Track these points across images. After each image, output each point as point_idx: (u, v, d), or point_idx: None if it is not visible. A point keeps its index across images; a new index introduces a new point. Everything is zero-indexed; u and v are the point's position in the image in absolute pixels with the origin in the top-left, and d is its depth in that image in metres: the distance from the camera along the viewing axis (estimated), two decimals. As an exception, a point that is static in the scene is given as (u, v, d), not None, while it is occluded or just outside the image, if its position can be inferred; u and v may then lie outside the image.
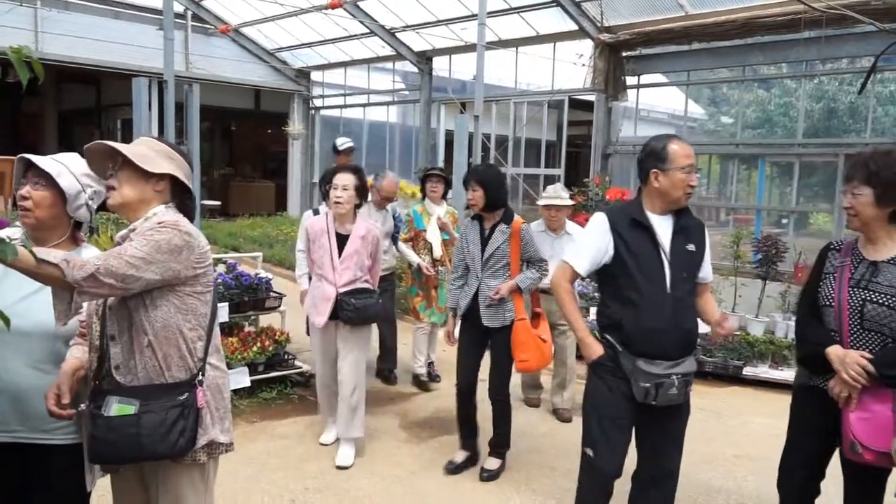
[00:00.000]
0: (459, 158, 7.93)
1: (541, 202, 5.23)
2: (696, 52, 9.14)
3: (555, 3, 9.62)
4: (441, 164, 13.14)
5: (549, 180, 11.19)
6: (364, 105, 14.88)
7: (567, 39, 10.62)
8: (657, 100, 11.73)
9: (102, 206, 2.34)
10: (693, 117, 10.85)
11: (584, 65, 10.21)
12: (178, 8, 12.13)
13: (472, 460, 4.30)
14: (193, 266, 2.12)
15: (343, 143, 7.02)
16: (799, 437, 2.93)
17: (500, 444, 4.27)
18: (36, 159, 2.21)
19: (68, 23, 12.32)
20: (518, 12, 10.47)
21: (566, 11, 9.62)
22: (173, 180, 2.21)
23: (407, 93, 14.17)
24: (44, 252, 1.81)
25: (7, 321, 1.53)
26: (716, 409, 5.58)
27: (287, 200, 16.80)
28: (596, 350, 2.92)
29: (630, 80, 9.95)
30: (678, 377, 2.80)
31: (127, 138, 12.04)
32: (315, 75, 15.78)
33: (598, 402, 2.94)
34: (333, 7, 10.53)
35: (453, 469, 4.23)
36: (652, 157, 2.88)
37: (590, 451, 2.97)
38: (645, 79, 10.07)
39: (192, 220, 2.24)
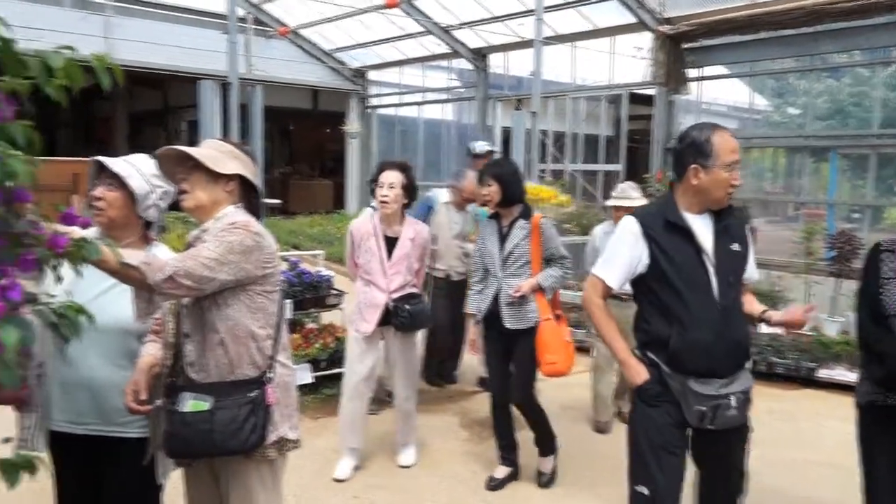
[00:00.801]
0: (517, 156, 7.91)
1: (610, 202, 4.97)
2: (760, 41, 8.88)
3: (613, -5, 9.50)
4: (498, 160, 13.07)
5: (609, 176, 11.06)
6: (419, 103, 14.94)
7: (626, 32, 10.47)
8: (719, 92, 11.45)
9: (173, 206, 2.41)
10: (757, 109, 10.56)
11: (643, 58, 10.06)
12: (240, 12, 12.39)
13: (513, 476, 4.08)
14: (263, 266, 2.17)
15: (480, 146, 6.39)
16: (880, 469, 2.58)
17: (545, 442, 4.06)
18: (108, 161, 2.30)
19: (137, 29, 12.72)
20: (575, 6, 10.36)
21: (625, 4, 9.47)
22: (241, 180, 2.26)
23: (462, 90, 14.17)
24: (126, 254, 1.88)
25: (91, 318, 1.59)
26: (787, 411, 5.41)
27: (345, 198, 17.01)
28: (640, 374, 2.56)
29: (691, 73, 9.75)
30: (736, 395, 2.49)
31: (193, 139, 12.44)
32: (371, 75, 15.92)
33: (648, 431, 2.58)
34: (390, 6, 10.61)
35: (495, 486, 4.00)
36: (692, 150, 2.52)
37: (644, 490, 2.57)
38: (707, 71, 9.85)
39: (259, 218, 2.30)
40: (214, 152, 2.22)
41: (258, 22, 14.33)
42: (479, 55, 12.92)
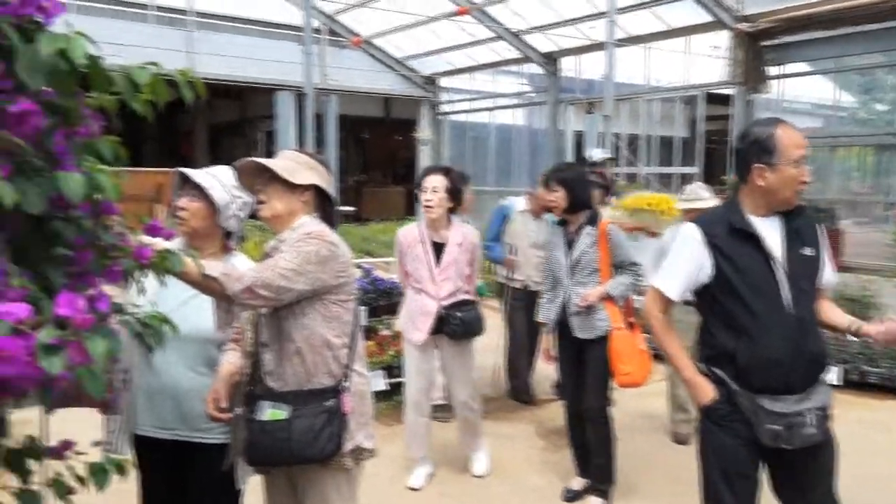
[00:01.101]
0: (570, 161, 7.78)
1: (680, 205, 4.79)
2: (844, 36, 8.49)
3: (689, -6, 9.27)
4: (570, 165, 12.92)
5: (686, 179, 10.78)
6: (490, 109, 14.92)
7: (702, 32, 10.20)
8: (802, 89, 11.03)
9: (252, 214, 2.47)
10: (843, 106, 10.13)
11: (720, 57, 9.78)
12: (315, 23, 12.65)
13: (590, 488, 3.96)
14: (338, 275, 2.20)
15: (598, 153, 6.28)
16: None
17: (602, 479, 3.85)
18: (190, 173, 2.37)
19: (217, 43, 13.14)
20: (648, 7, 10.15)
21: (701, 3, 9.23)
22: (317, 190, 2.29)
23: (534, 95, 14.07)
24: (207, 266, 1.93)
25: (175, 328, 1.63)
26: (881, 422, 5.13)
27: (417, 205, 17.10)
28: (706, 392, 2.41)
29: (771, 71, 9.41)
30: (813, 412, 2.31)
31: (270, 149, 12.73)
32: (442, 81, 15.99)
33: (719, 454, 2.43)
34: (461, 13, 10.64)
35: (571, 497, 3.92)
36: (755, 148, 2.35)
37: None
38: (788, 68, 9.49)
39: (333, 227, 2.33)
40: (291, 163, 2.25)
41: (332, 33, 14.60)
42: (550, 59, 12.81)
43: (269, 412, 2.15)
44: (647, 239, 5.98)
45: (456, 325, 3.92)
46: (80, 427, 2.29)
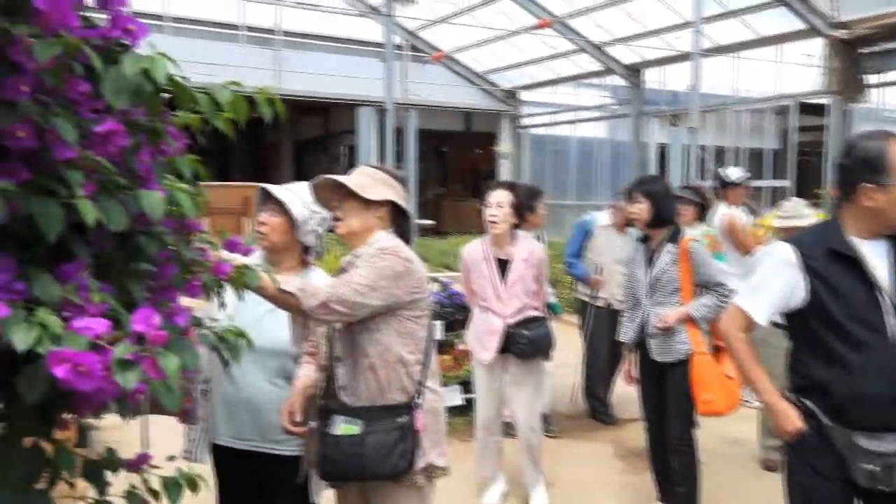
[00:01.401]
0: (674, 173, 7.60)
1: (777, 223, 4.49)
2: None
3: (779, 2, 8.93)
4: (653, 178, 12.63)
5: (776, 192, 10.36)
6: (572, 122, 14.77)
7: (794, 40, 9.83)
8: (904, 99, 10.45)
9: (331, 229, 2.50)
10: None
11: (814, 66, 9.38)
12: (397, 39, 12.85)
13: None
14: (412, 291, 2.19)
15: (736, 173, 5.83)
16: None
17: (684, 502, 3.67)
18: (272, 189, 2.42)
19: (303, 60, 13.52)
20: (737, 15, 9.86)
21: (793, 10, 8.90)
22: (392, 206, 2.30)
23: (616, 107, 13.86)
24: (283, 281, 1.96)
25: (250, 342, 1.65)
26: None
27: (495, 219, 17.06)
28: (791, 420, 2.23)
29: (870, 79, 8.96)
30: None
31: (351, 163, 12.94)
32: (523, 95, 15.95)
33: (808, 493, 2.26)
34: (542, 27, 10.60)
35: None
36: (864, 166, 2.15)
37: None
38: (889, 76, 9.01)
39: (408, 242, 2.33)
40: (366, 180, 2.26)
41: (414, 48, 14.79)
42: (634, 71, 12.59)
43: (343, 427, 2.16)
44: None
45: (523, 343, 3.79)
46: (166, 434, 2.37)
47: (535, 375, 3.99)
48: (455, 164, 21.64)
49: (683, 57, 11.22)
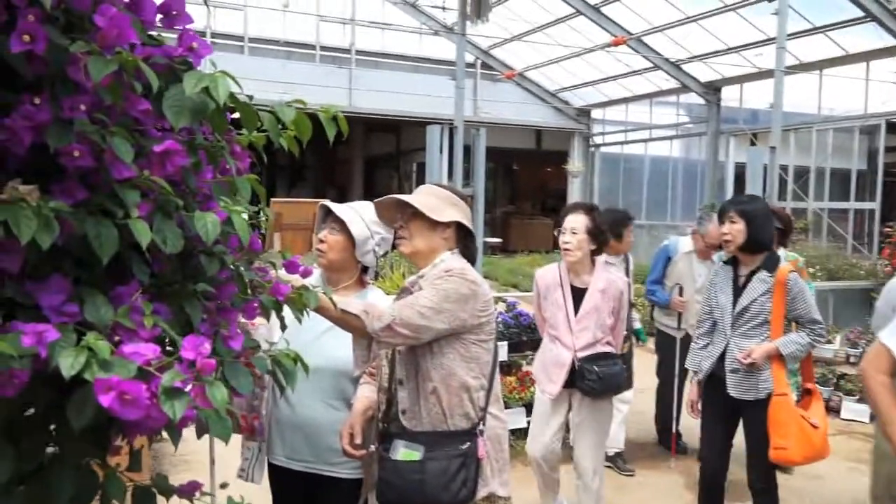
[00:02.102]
0: (753, 194, 7.30)
1: None
2: None
3: (868, 17, 8.55)
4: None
5: (861, 215, 9.89)
6: (646, 140, 14.48)
7: (883, 57, 9.41)
8: None
9: (394, 246, 2.46)
10: None
11: (906, 84, 8.93)
12: (469, 58, 12.89)
13: None
14: (478, 315, 2.12)
15: None
16: None
17: None
18: (333, 206, 2.39)
19: (376, 79, 13.71)
20: (823, 32, 9.49)
21: (883, 26, 8.51)
22: (458, 226, 2.23)
23: (691, 126, 13.52)
24: (346, 303, 1.92)
25: (307, 367, 1.61)
26: None
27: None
28: None
29: (969, 98, 8.47)
30: None
31: (420, 180, 13.02)
32: (595, 113, 15.76)
33: None
34: (616, 44, 10.44)
35: None
36: None
37: None
38: None
39: (473, 262, 2.27)
40: (433, 199, 2.20)
41: (486, 66, 14.81)
42: (711, 88, 12.27)
43: (403, 451, 2.09)
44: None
45: (592, 380, 3.47)
46: (233, 449, 2.35)
47: (603, 414, 3.70)
48: (524, 182, 21.54)
49: (764, 74, 10.88)
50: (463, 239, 2.26)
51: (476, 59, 14.51)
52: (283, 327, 1.65)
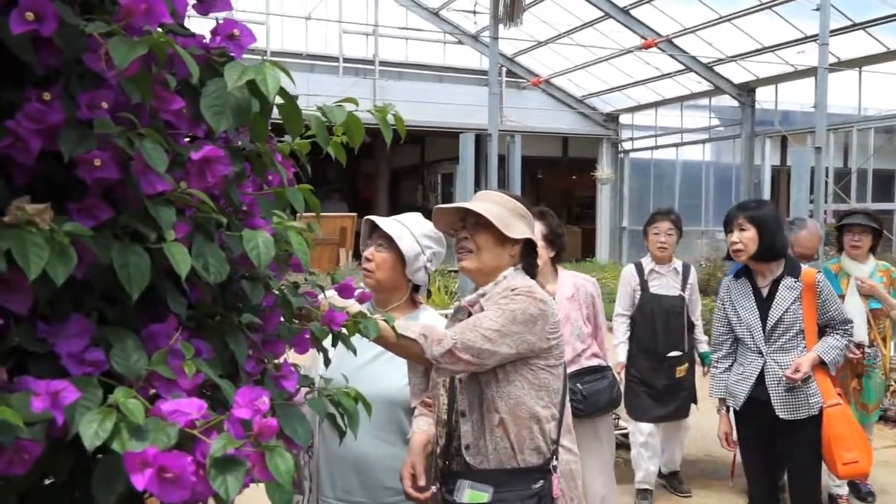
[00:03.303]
0: (799, 196, 7.01)
1: None
2: None
3: (914, 10, 8.23)
4: (767, 203, 11.91)
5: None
6: (677, 145, 14.17)
7: (928, 52, 9.04)
8: None
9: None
10: None
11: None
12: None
13: None
14: (548, 337, 1.90)
15: None
16: None
17: None
18: (380, 222, 2.17)
19: (401, 90, 13.55)
20: (863, 28, 9.16)
21: (929, 19, 8.17)
22: (525, 241, 2.01)
23: (722, 129, 13.21)
24: (403, 326, 1.71)
25: (369, 408, 1.39)
26: None
27: (595, 246, 16.57)
28: None
29: None
30: None
31: (446, 192, 12.81)
32: (624, 118, 15.48)
33: None
34: (647, 47, 10.19)
35: None
36: None
37: None
38: None
39: (534, 278, 2.04)
40: (502, 211, 1.97)
41: (510, 73, 14.62)
42: (745, 90, 11.95)
43: (469, 493, 1.87)
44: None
45: (576, 401, 3.12)
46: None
47: (603, 435, 3.39)
48: (550, 191, 21.25)
49: (800, 74, 10.56)
50: (527, 255, 2.04)
51: (501, 66, 14.32)
52: (327, 362, 1.43)
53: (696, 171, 13.76)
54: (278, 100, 1.06)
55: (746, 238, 3.05)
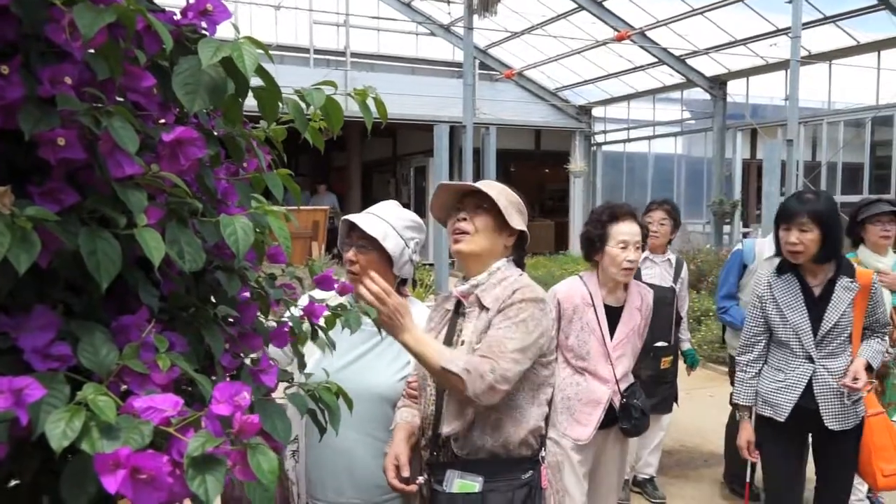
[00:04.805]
0: (770, 189, 7.08)
1: None
2: None
3: (882, 6, 8.32)
4: (737, 196, 12.03)
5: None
6: (649, 138, 14.25)
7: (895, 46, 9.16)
8: None
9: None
10: None
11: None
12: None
13: None
14: (551, 336, 1.94)
15: None
16: None
17: None
18: (360, 222, 2.06)
19: (373, 82, 13.39)
20: (833, 21, 9.26)
21: (897, 13, 8.28)
22: (519, 235, 2.00)
23: (693, 122, 13.30)
24: (449, 360, 1.72)
25: (350, 403, 1.35)
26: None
27: (568, 239, 16.64)
28: None
29: None
30: None
31: (419, 185, 12.73)
32: (597, 111, 15.53)
33: None
34: (620, 39, 10.20)
35: None
36: None
37: None
38: None
39: (523, 269, 2.05)
40: (504, 201, 1.94)
41: (483, 66, 14.58)
42: (717, 83, 12.03)
43: (459, 483, 1.85)
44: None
45: (637, 418, 2.91)
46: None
47: (626, 456, 3.23)
48: (523, 184, 21.15)
49: (771, 67, 10.66)
50: (519, 248, 2.03)
51: (474, 58, 14.28)
52: (303, 366, 1.38)
53: (669, 164, 13.86)
54: (254, 81, 1.01)
55: (808, 240, 2.72)
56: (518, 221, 1.96)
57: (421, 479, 1.91)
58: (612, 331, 2.95)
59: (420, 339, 1.73)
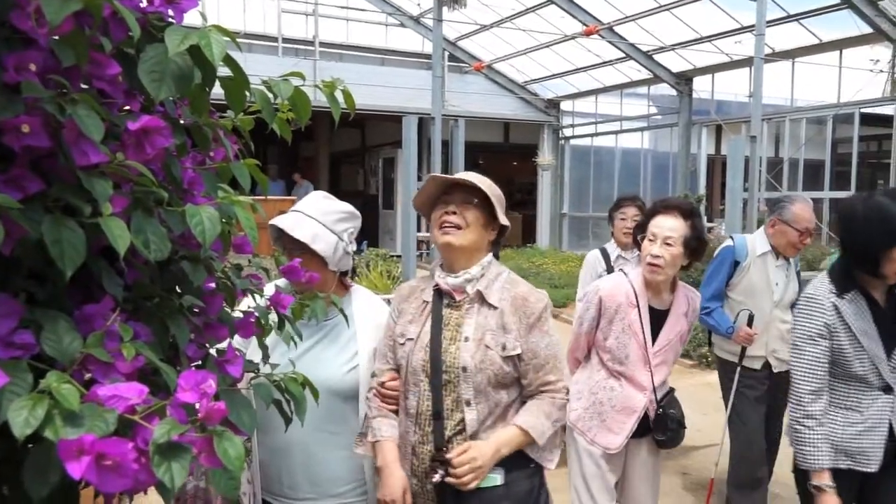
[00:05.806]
0: (734, 184, 7.19)
1: None
2: None
3: (845, 5, 8.49)
4: (702, 191, 12.22)
5: (836, 205, 9.87)
6: (616, 132, 14.38)
7: (857, 45, 9.39)
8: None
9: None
10: None
11: (881, 71, 8.90)
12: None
13: None
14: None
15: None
16: None
17: None
18: (286, 227, 1.95)
19: (342, 72, 13.31)
20: (797, 20, 9.43)
21: (859, 13, 8.45)
22: (500, 230, 2.02)
23: (660, 117, 13.46)
24: (540, 433, 1.88)
25: (316, 393, 1.35)
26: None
27: (536, 232, 16.74)
28: None
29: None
30: None
31: (388, 176, 12.66)
32: (565, 105, 15.62)
33: None
34: (589, 34, 10.27)
35: None
36: None
37: None
38: (962, 82, 8.51)
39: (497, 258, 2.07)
40: (495, 197, 1.95)
41: (452, 58, 14.57)
42: (683, 79, 12.19)
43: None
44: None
45: (673, 429, 2.73)
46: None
47: (659, 468, 2.98)
48: (491, 176, 21.05)
49: (736, 64, 10.82)
50: (495, 244, 2.04)
51: (444, 50, 14.26)
52: (266, 357, 1.36)
53: (635, 159, 14.01)
54: (222, 70, 1.01)
55: None
56: (503, 216, 1.98)
57: (437, 477, 1.84)
58: (654, 335, 2.75)
59: (500, 448, 1.83)
